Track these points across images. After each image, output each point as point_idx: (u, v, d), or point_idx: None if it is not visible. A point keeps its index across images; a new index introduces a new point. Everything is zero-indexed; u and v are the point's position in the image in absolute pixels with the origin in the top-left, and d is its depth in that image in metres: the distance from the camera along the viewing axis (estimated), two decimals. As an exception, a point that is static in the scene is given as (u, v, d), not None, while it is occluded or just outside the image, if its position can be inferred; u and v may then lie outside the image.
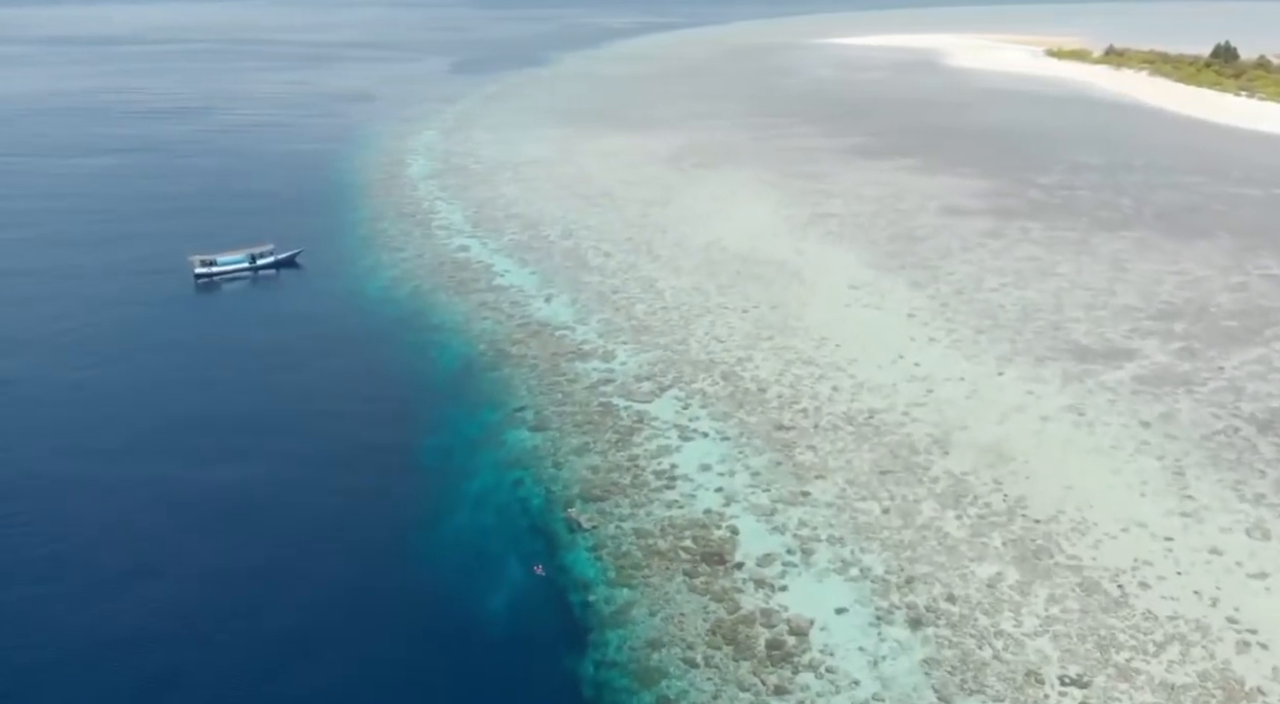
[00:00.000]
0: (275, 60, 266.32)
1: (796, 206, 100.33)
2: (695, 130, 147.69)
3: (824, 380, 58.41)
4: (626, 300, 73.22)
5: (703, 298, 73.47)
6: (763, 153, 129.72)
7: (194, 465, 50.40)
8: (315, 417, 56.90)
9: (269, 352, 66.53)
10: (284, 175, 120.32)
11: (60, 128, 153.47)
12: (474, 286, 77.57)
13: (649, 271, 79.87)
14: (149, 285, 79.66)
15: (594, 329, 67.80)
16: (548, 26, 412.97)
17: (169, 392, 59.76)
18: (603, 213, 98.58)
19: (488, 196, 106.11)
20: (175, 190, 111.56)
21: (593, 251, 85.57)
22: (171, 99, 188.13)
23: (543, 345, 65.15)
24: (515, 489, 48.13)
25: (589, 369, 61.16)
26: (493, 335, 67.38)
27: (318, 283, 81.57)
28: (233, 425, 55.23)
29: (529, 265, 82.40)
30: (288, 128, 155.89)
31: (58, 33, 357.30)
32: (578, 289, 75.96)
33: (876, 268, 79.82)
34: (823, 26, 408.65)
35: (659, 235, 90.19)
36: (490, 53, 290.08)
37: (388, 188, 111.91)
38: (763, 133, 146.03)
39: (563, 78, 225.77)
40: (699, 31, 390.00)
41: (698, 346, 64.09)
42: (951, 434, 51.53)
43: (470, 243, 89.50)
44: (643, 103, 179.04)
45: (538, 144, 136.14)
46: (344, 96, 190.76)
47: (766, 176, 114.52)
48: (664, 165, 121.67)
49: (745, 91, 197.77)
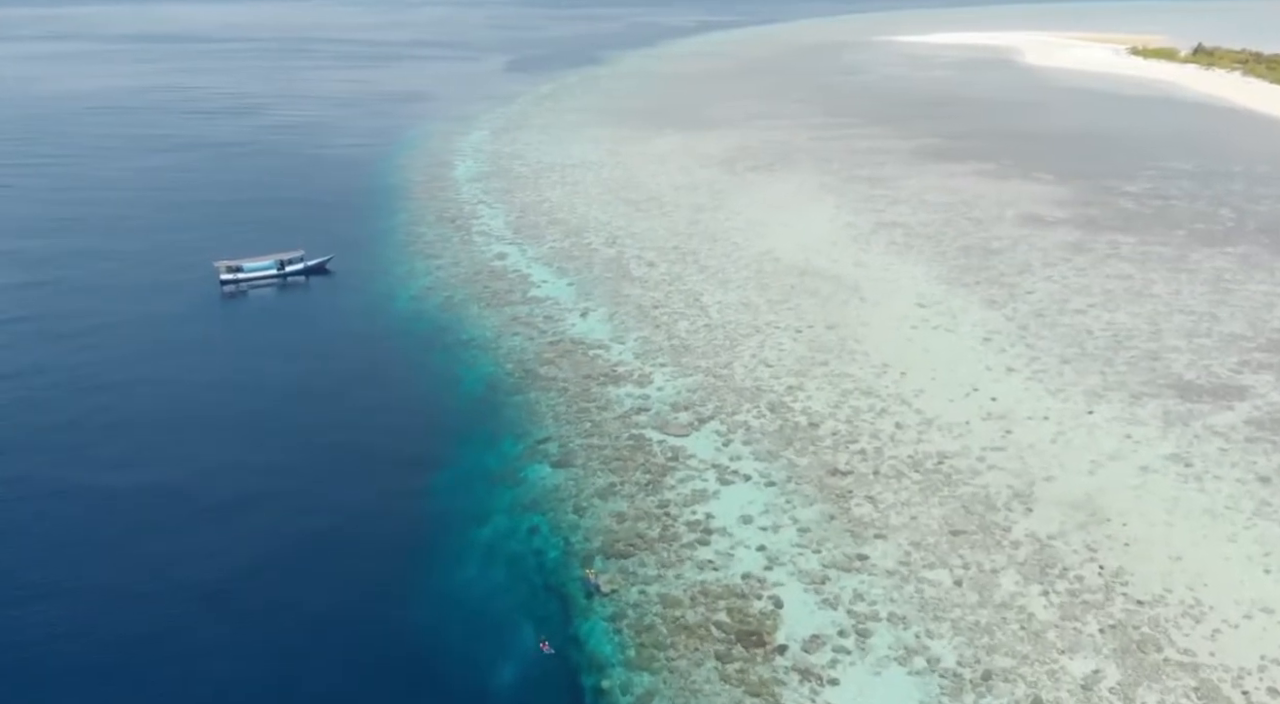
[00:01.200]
0: (337, 59, 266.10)
1: (858, 213, 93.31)
2: (752, 131, 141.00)
3: (886, 415, 51.75)
4: (668, 316, 67.31)
5: (751, 315, 67.21)
6: (822, 155, 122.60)
7: (184, 483, 45.97)
8: (323, 441, 52.18)
9: (284, 366, 62.16)
10: (328, 176, 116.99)
11: (117, 125, 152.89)
12: (508, 298, 72.42)
13: (695, 284, 73.85)
14: (174, 291, 76.17)
15: (631, 348, 62.04)
16: (609, 25, 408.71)
17: (170, 404, 55.76)
18: (649, 219, 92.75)
19: (532, 201, 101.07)
20: (216, 191, 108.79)
21: (636, 261, 79.81)
22: (231, 97, 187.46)
23: (574, 366, 59.59)
24: (531, 538, 42.59)
25: (622, 395, 55.41)
26: (522, 354, 62.07)
27: (346, 292, 77.24)
28: (235, 444, 50.82)
29: (568, 275, 76.97)
30: (339, 127, 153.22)
31: (134, 30, 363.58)
32: (617, 302, 70.29)
33: (947, 284, 72.61)
34: (889, 24, 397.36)
35: (707, 244, 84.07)
36: (549, 51, 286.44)
37: (430, 190, 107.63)
38: (823, 133, 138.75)
39: (619, 77, 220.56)
40: (761, 29, 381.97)
41: (743, 371, 57.89)
42: (1035, 486, 44.55)
43: (509, 250, 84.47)
44: (698, 102, 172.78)
45: (588, 146, 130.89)
46: (399, 95, 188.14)
47: (826, 181, 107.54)
48: (717, 168, 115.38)
49: (806, 90, 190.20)
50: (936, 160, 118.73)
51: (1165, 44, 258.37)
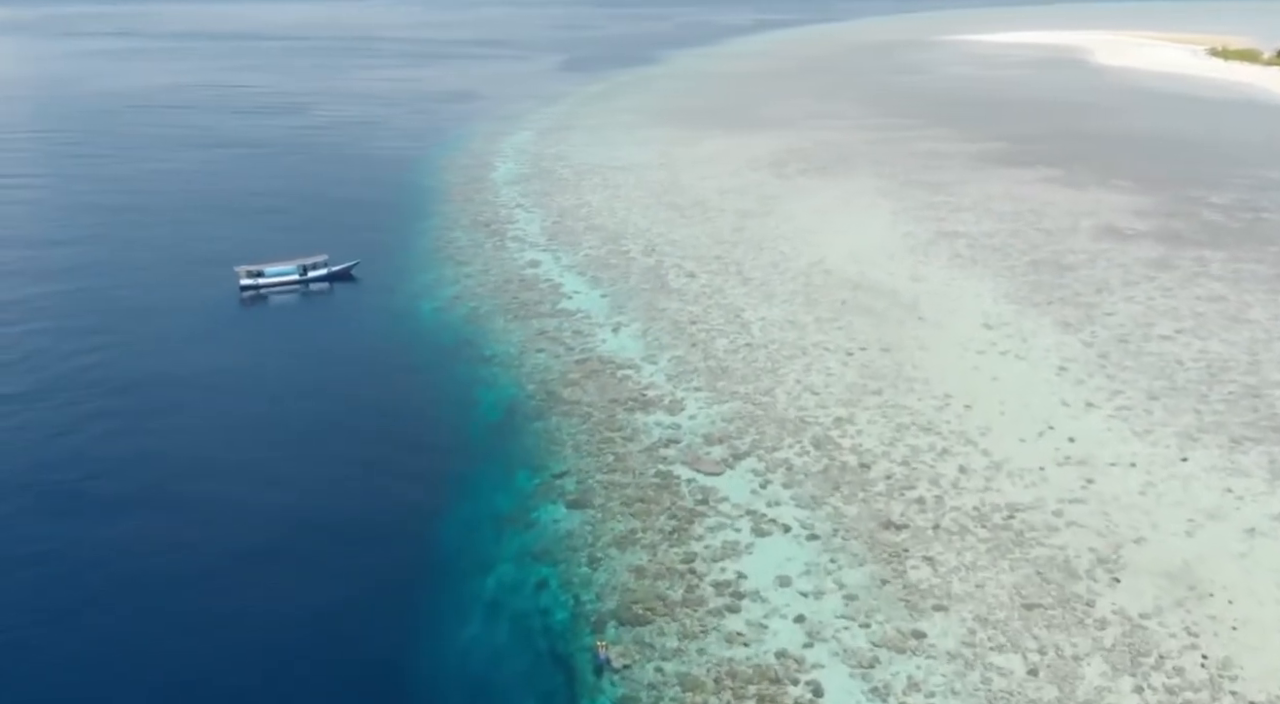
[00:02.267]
0: (390, 57, 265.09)
1: (917, 222, 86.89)
2: (805, 132, 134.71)
3: (948, 457, 45.85)
4: (706, 333, 61.96)
5: (797, 334, 61.55)
6: (880, 158, 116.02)
7: (172, 513, 42.02)
8: (327, 466, 47.98)
9: (296, 380, 58.19)
10: (365, 176, 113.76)
11: (161, 122, 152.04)
12: (537, 310, 67.74)
13: (737, 298, 68.39)
14: (192, 296, 72.89)
15: (663, 369, 56.84)
16: (665, 25, 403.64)
17: (168, 418, 52.15)
18: (692, 225, 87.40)
19: (571, 205, 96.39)
20: (250, 191, 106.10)
21: (675, 271, 74.58)
22: (278, 95, 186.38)
23: (601, 389, 54.59)
24: (538, 594, 37.66)
25: (650, 424, 50.27)
26: (546, 373, 57.27)
27: (369, 300, 73.27)
28: (230, 468, 46.87)
29: (601, 286, 72.06)
30: (383, 126, 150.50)
31: (195, 28, 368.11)
32: (651, 317, 65.15)
33: (1016, 303, 66.13)
34: (953, 23, 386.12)
35: (753, 254, 78.48)
36: (603, 50, 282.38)
37: (467, 193, 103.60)
38: (880, 135, 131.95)
39: (672, 76, 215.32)
40: (820, 28, 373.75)
41: (786, 399, 52.32)
42: (1122, 550, 38.39)
43: (542, 257, 79.84)
44: (751, 102, 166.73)
45: (634, 147, 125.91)
46: (447, 95, 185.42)
47: (882, 185, 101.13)
48: (766, 171, 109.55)
49: (864, 90, 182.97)
50: (1002, 165, 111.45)
51: (1248, 45, 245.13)
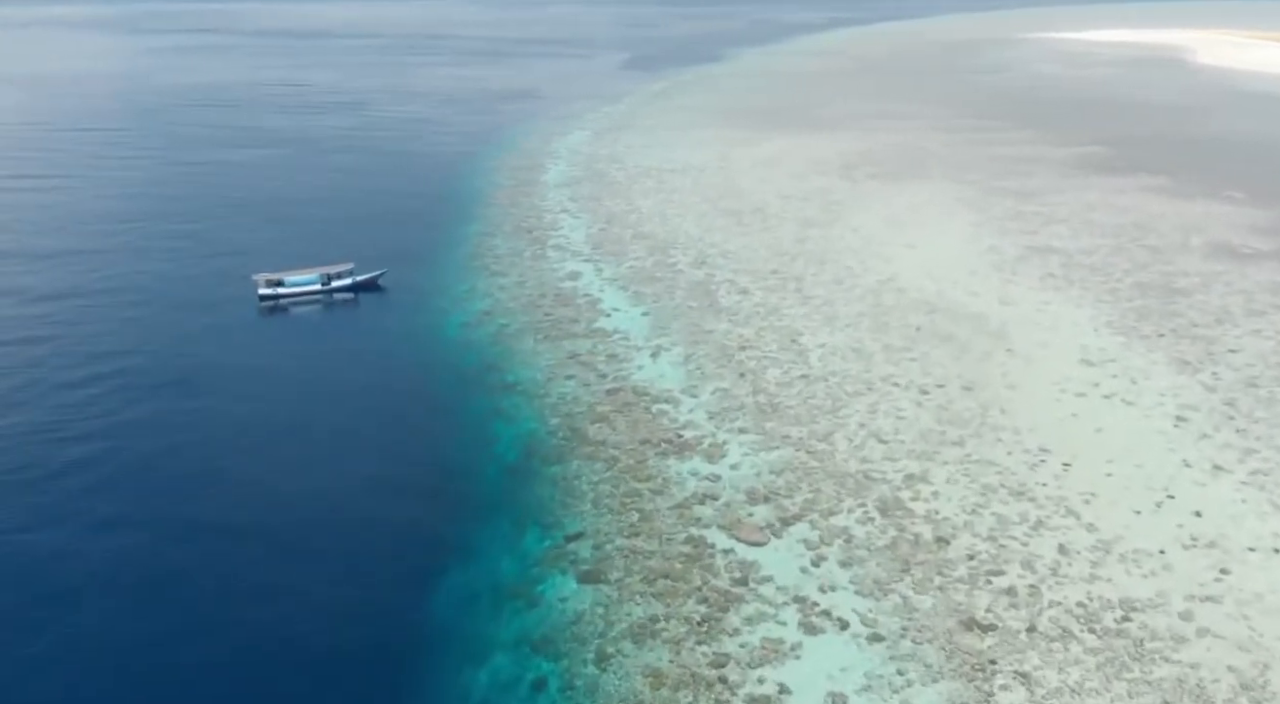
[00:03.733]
0: (453, 56, 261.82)
1: (1003, 235, 77.92)
2: (877, 133, 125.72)
3: (1045, 531, 37.68)
4: (756, 362, 54.46)
5: (863, 365, 53.65)
6: (960, 162, 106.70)
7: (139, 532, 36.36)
8: (312, 513, 41.95)
9: (295, 409, 52.47)
10: (410, 177, 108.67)
11: (214, 118, 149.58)
12: (570, 330, 61.04)
13: (794, 319, 60.68)
14: (206, 307, 67.80)
15: (704, 405, 49.56)
16: (733, 23, 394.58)
17: (161, 436, 46.90)
18: (749, 234, 79.78)
19: (620, 210, 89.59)
20: (287, 192, 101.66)
21: (726, 287, 67.16)
22: (337, 92, 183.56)
23: (631, 426, 47.59)
24: (534, 697, 30.83)
25: (685, 473, 43.09)
26: (572, 405, 50.49)
27: (393, 314, 67.45)
28: (210, 499, 41.18)
29: (644, 302, 65.05)
30: (438, 125, 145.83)
31: (268, 26, 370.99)
32: (696, 340, 57.89)
33: (1121, 333, 57.13)
34: (1037, 20, 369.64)
35: (814, 268, 70.61)
36: (667, 49, 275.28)
37: (513, 196, 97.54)
38: (960, 137, 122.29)
39: (737, 74, 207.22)
40: (895, 25, 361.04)
41: (847, 448, 44.62)
42: (1271, 673, 29.97)
43: (583, 269, 73.17)
44: (819, 101, 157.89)
45: (692, 148, 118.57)
46: (506, 93, 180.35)
47: (963, 193, 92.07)
48: (834, 175, 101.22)
49: (942, 89, 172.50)
50: (1098, 172, 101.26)
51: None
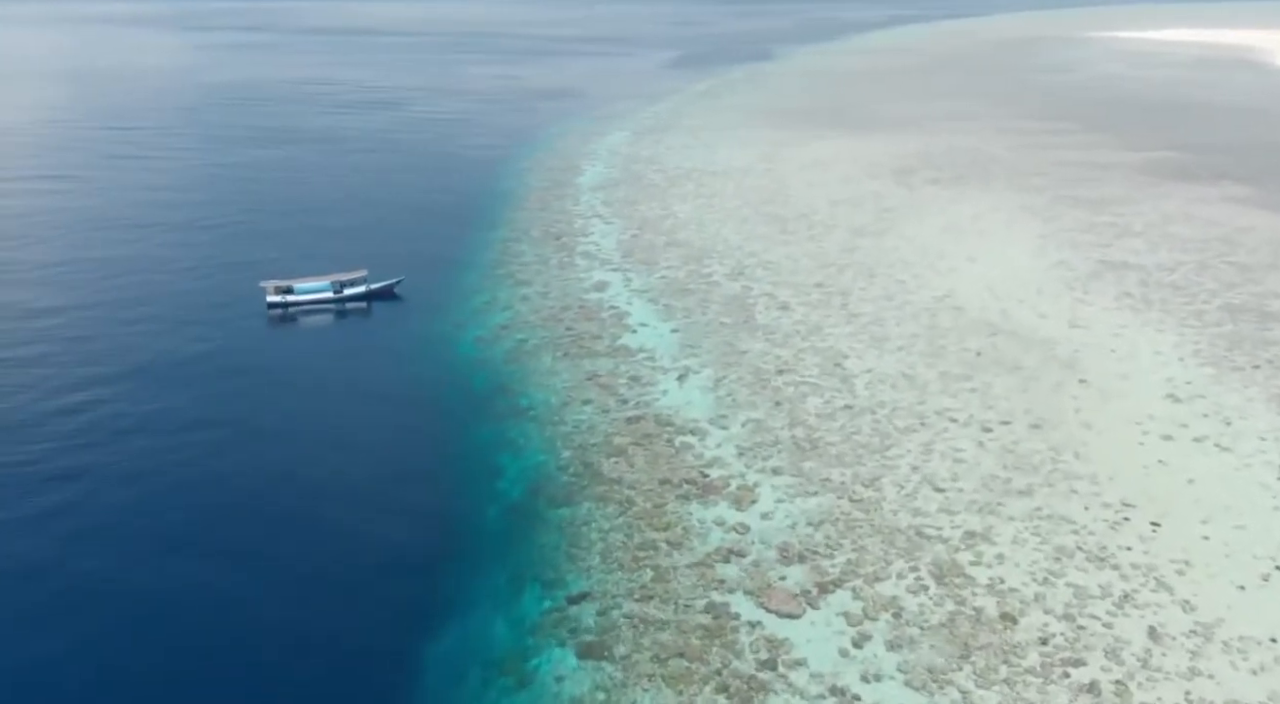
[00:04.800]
0: (497, 54, 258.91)
1: (1073, 248, 71.14)
2: (935, 135, 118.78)
3: (1131, 609, 31.62)
4: (795, 389, 48.82)
5: (916, 395, 47.73)
6: (1023, 167, 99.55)
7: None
8: (296, 548, 37.54)
9: (292, 425, 48.36)
10: (441, 178, 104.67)
11: (249, 116, 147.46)
12: (592, 347, 55.97)
13: (838, 340, 54.87)
14: (215, 313, 64.13)
15: (734, 438, 44.10)
16: (787, 20, 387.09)
17: (146, 458, 42.77)
18: (792, 243, 73.97)
19: (655, 215, 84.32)
20: (313, 192, 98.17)
21: (765, 302, 61.52)
22: (377, 91, 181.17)
23: (650, 462, 42.33)
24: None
25: (709, 521, 37.70)
26: (588, 435, 45.40)
27: (406, 326, 63.00)
28: (169, 543, 36.78)
29: (673, 318, 59.72)
30: (475, 123, 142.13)
31: (317, 24, 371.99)
32: (728, 362, 52.40)
33: (1212, 364, 50.39)
34: (1098, 19, 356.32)
35: (863, 281, 64.64)
36: (717, 47, 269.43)
37: (545, 199, 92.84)
38: (1024, 140, 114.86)
39: (788, 73, 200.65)
40: (955, 24, 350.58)
41: (897, 497, 38.83)
42: None
43: (612, 278, 68.09)
44: (874, 101, 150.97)
45: (737, 149, 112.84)
46: (548, 92, 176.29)
47: (1028, 201, 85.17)
48: (888, 179, 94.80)
49: (1004, 89, 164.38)
50: (1175, 179, 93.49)
51: None
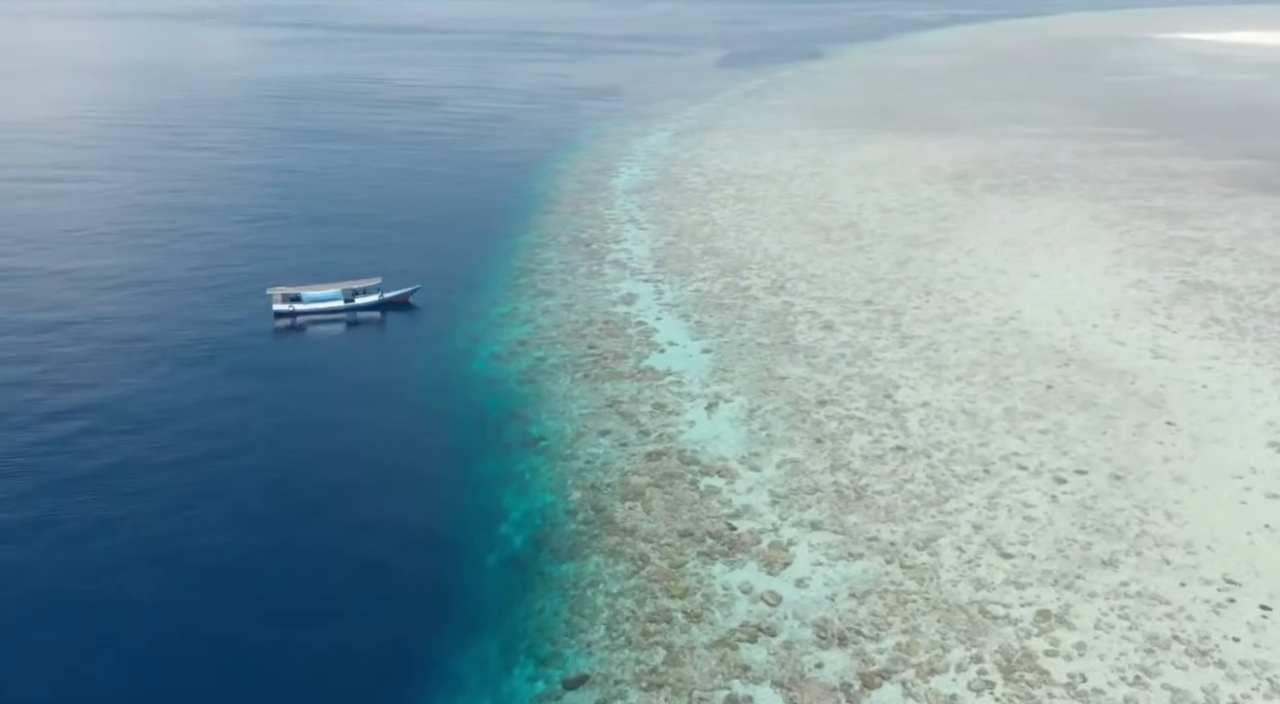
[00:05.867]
0: (544, 52, 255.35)
1: (1152, 266, 64.50)
2: (996, 138, 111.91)
3: (1245, 727, 25.84)
4: (839, 424, 43.31)
5: (978, 435, 41.95)
6: (1093, 174, 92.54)
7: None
8: (269, 591, 33.11)
9: (285, 448, 44.10)
10: (473, 178, 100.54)
11: (284, 113, 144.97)
12: (615, 368, 51.00)
13: (890, 367, 49.20)
14: (220, 322, 60.26)
15: (767, 482, 38.76)
16: (841, 19, 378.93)
17: (126, 477, 38.65)
18: (839, 254, 68.27)
19: (692, 222, 79.13)
20: (338, 192, 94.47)
21: (807, 320, 55.99)
22: (416, 89, 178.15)
23: (671, 509, 37.20)
24: None
25: (734, 587, 32.48)
26: (602, 473, 40.42)
27: (418, 340, 58.60)
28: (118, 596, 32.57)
29: (705, 336, 54.49)
30: (513, 122, 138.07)
31: (369, 21, 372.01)
32: (764, 390, 47.05)
33: (1322, 406, 43.97)
34: (1163, 19, 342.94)
35: (917, 299, 58.79)
36: (767, 46, 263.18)
37: (578, 202, 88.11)
38: (1093, 145, 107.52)
39: (839, 72, 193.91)
40: (1013, 23, 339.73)
41: (956, 563, 33.20)
42: None
43: (641, 290, 63.08)
44: (931, 102, 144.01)
45: (782, 151, 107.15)
46: (590, 90, 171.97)
47: (1100, 211, 78.40)
48: (945, 186, 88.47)
49: (1068, 91, 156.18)
50: (1261, 190, 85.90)
51: None
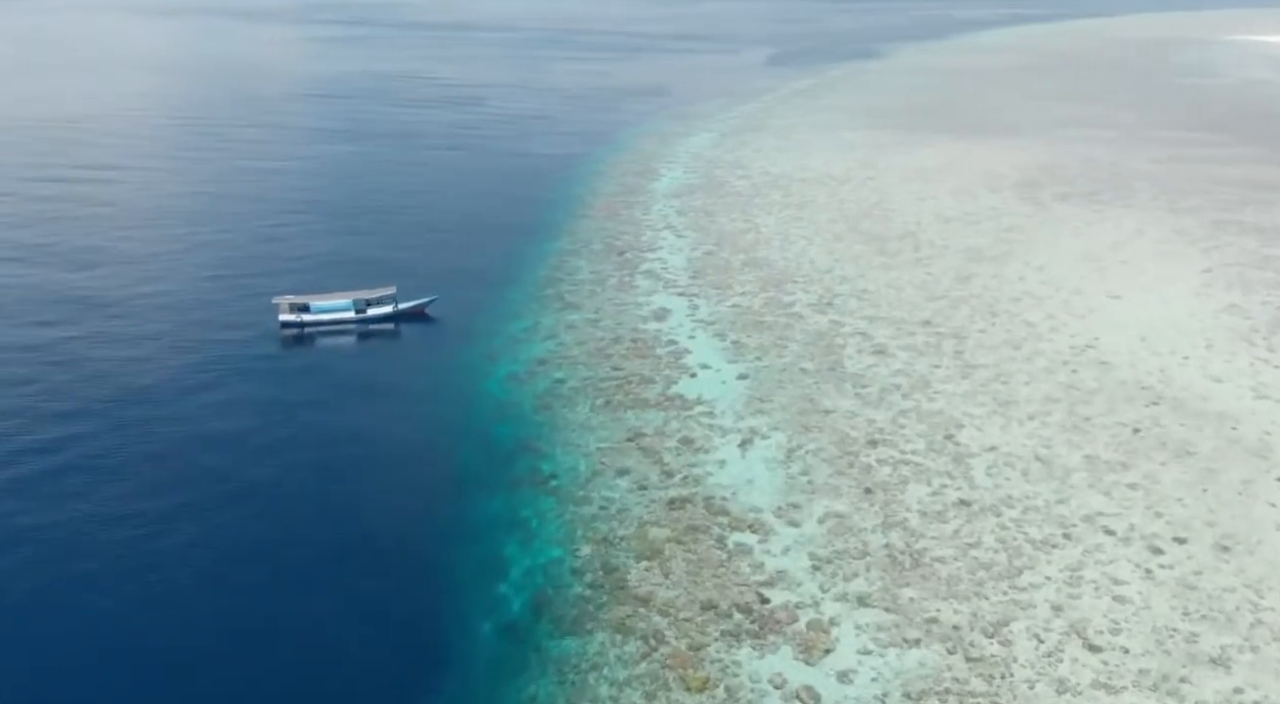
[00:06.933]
0: (593, 50, 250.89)
1: (1245, 288, 57.67)
2: (1062, 143, 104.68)
3: None
4: (892, 469, 37.74)
5: (1055, 488, 36.13)
6: (1172, 183, 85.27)
7: None
8: (230, 652, 28.75)
9: (270, 479, 39.97)
10: (506, 180, 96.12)
11: (316, 112, 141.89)
12: (640, 394, 46.00)
13: (950, 401, 43.44)
14: (224, 332, 56.49)
15: (808, 542, 33.42)
16: (897, 18, 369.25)
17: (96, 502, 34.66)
18: (894, 268, 62.41)
19: (734, 229, 73.79)
20: (363, 194, 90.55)
21: (857, 343, 50.38)
22: (458, 87, 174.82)
23: (694, 572, 32.06)
24: None
25: (763, 681, 27.30)
26: (617, 523, 35.43)
27: (431, 356, 54.20)
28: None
29: (743, 359, 49.20)
30: (553, 122, 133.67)
31: (420, 19, 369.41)
32: (806, 426, 41.62)
33: None
34: (1238, 21, 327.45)
35: (982, 322, 52.82)
36: (819, 44, 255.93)
37: (614, 207, 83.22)
38: (1170, 152, 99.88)
39: (894, 71, 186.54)
40: (1078, 23, 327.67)
41: (1032, 656, 27.56)
42: None
43: (675, 305, 57.97)
44: (992, 103, 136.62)
45: (833, 153, 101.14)
46: (636, 89, 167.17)
47: (1183, 225, 71.46)
48: (1010, 194, 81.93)
49: (1137, 93, 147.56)
50: (1365, 200, 78.15)
51: None
